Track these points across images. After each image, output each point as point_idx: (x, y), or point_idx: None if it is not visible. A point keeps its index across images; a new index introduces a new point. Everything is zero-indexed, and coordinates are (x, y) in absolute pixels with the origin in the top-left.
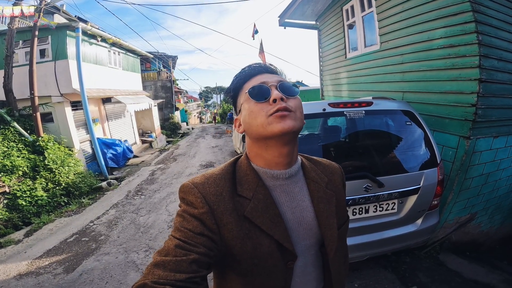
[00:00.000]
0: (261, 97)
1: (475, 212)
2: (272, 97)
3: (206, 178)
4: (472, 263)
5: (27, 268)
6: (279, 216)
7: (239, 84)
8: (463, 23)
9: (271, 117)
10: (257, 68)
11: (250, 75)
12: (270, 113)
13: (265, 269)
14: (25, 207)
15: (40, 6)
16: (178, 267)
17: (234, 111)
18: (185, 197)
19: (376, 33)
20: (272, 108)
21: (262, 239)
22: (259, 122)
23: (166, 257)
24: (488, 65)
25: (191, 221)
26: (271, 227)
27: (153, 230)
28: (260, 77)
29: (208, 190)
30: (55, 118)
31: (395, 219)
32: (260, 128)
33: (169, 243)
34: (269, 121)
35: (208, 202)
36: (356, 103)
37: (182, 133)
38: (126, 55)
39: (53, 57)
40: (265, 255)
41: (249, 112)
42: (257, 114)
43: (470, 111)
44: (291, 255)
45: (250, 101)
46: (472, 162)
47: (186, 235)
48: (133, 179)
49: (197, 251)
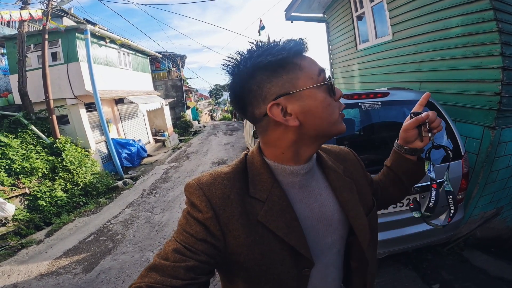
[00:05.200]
0: (333, 92)
1: (501, 206)
2: (338, 94)
3: (214, 178)
4: (498, 260)
5: (48, 268)
6: (296, 220)
7: (289, 55)
8: (481, 10)
9: (340, 115)
10: (306, 46)
11: (302, 50)
12: (340, 111)
13: (275, 275)
14: (46, 208)
15: (47, 9)
16: (175, 273)
17: (258, 86)
18: (190, 198)
19: (387, 24)
20: (340, 106)
21: (274, 245)
22: (334, 118)
23: (165, 261)
24: (510, 53)
25: (194, 225)
26: (287, 233)
27: (167, 229)
28: (311, 58)
29: (215, 192)
30: (71, 120)
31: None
32: (331, 125)
33: (170, 246)
34: (338, 119)
35: (213, 206)
36: (371, 94)
37: (194, 131)
38: (135, 55)
39: (65, 60)
40: (275, 262)
41: (326, 104)
42: (333, 109)
43: (494, 100)
44: (307, 262)
45: (325, 92)
46: (498, 153)
47: (187, 240)
48: (148, 178)
49: (197, 258)
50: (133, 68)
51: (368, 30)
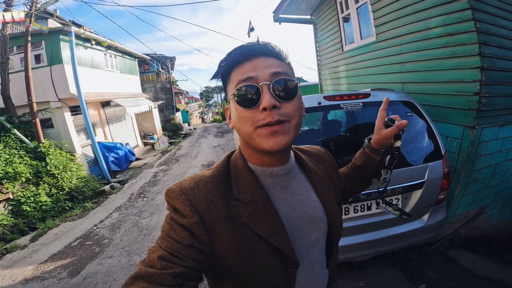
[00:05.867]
0: (249, 103)
1: (485, 205)
2: (262, 105)
3: (196, 182)
4: (484, 259)
5: (33, 272)
6: (280, 221)
7: (225, 72)
8: (460, 10)
9: (260, 129)
10: (249, 50)
11: (238, 61)
12: (258, 124)
13: (263, 277)
14: (30, 213)
15: (30, 11)
16: (163, 280)
17: (225, 98)
18: (172, 203)
19: (371, 25)
20: (262, 120)
21: (259, 246)
22: (246, 131)
23: (151, 269)
24: (488, 53)
25: (179, 231)
26: (271, 234)
27: (156, 233)
28: (251, 65)
29: (198, 197)
30: (55, 124)
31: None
32: (248, 137)
33: (155, 253)
34: (257, 134)
35: (198, 210)
36: (353, 95)
37: (184, 134)
38: (122, 57)
39: (48, 62)
40: (261, 264)
41: (236, 116)
42: (245, 122)
43: (473, 100)
44: (292, 262)
45: (237, 103)
46: (479, 152)
47: (173, 246)
48: (136, 181)
49: (184, 264)
50: (120, 70)
51: (353, 32)
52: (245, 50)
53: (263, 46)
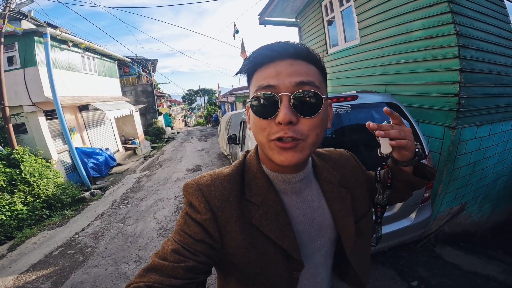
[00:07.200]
0: (265, 114)
1: (465, 202)
2: (277, 119)
3: (213, 179)
4: (469, 255)
5: (14, 283)
6: (289, 225)
7: (249, 72)
8: (440, 14)
9: (273, 142)
10: (274, 51)
11: (261, 62)
12: (271, 138)
13: (268, 278)
14: (6, 222)
15: (4, 12)
16: (174, 273)
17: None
18: (189, 198)
19: (355, 28)
20: (275, 133)
21: (268, 248)
22: (260, 140)
23: (164, 262)
24: (467, 55)
25: (193, 226)
26: (280, 236)
27: (142, 239)
28: (274, 70)
29: (214, 194)
30: (29, 129)
31: (388, 214)
32: (262, 146)
33: (169, 247)
34: (270, 146)
35: (212, 207)
36: (341, 98)
37: (167, 138)
38: (101, 60)
39: (22, 65)
40: (269, 265)
41: (252, 122)
42: (260, 132)
43: (453, 101)
44: (298, 265)
45: (253, 111)
46: (459, 151)
47: (186, 241)
48: (118, 187)
49: (195, 259)
50: (99, 73)
51: (338, 34)
52: (269, 51)
53: (290, 47)
